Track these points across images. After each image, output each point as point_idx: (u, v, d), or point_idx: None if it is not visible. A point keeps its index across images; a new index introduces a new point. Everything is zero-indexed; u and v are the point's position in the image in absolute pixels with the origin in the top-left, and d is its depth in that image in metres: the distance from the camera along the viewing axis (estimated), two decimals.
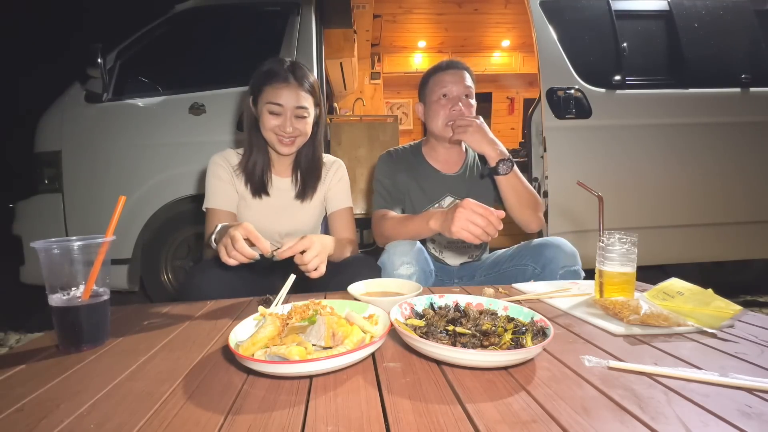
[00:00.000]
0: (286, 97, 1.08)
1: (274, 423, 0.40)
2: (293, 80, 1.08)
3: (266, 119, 1.09)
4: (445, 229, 0.94)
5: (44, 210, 2.07)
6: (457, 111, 1.22)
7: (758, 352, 0.56)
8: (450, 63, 1.27)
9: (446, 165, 1.34)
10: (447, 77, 1.24)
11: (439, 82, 1.25)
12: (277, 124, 1.09)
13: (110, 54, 2.09)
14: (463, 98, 1.24)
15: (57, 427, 0.41)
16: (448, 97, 1.24)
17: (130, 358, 0.58)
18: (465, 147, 1.38)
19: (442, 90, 1.24)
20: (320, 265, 0.88)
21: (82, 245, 0.60)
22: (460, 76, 1.24)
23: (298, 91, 1.09)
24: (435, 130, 1.28)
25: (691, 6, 2.25)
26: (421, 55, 5.05)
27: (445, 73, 1.25)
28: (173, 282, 2.23)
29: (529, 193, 1.18)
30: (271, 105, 1.08)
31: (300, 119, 1.11)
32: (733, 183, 2.17)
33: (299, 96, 1.09)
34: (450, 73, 1.24)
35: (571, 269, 1.03)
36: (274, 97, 1.07)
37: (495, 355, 0.49)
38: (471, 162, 1.36)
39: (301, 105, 1.09)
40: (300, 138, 1.13)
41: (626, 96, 2.12)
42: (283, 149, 1.12)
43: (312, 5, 2.15)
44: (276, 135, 1.10)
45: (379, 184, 1.31)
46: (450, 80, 1.24)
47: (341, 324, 0.56)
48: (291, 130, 1.09)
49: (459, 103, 1.23)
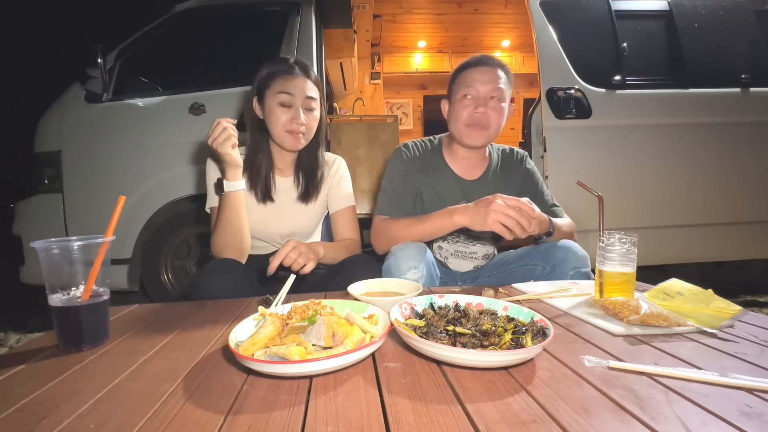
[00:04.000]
0: (297, 86, 1.09)
1: (274, 423, 0.40)
2: (300, 72, 1.11)
3: (277, 114, 1.09)
4: (475, 222, 0.94)
5: (44, 210, 2.07)
6: (479, 114, 1.13)
7: (758, 352, 0.56)
8: (480, 59, 1.16)
9: (466, 170, 1.25)
10: (474, 74, 1.14)
11: (465, 79, 1.15)
12: (289, 118, 1.09)
13: (110, 54, 2.09)
14: (490, 100, 1.13)
15: (57, 427, 0.41)
16: (473, 98, 1.14)
17: (130, 358, 0.58)
18: (489, 152, 1.29)
19: (467, 89, 1.14)
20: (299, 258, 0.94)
21: (82, 245, 0.60)
22: (490, 75, 1.12)
23: (306, 81, 1.11)
24: (454, 132, 1.20)
25: (691, 6, 2.25)
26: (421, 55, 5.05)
27: (473, 69, 1.15)
28: (173, 282, 2.23)
29: (568, 231, 1.14)
30: (282, 95, 1.08)
31: (309, 112, 1.12)
32: (733, 183, 2.17)
33: (308, 86, 1.11)
34: (478, 70, 1.13)
35: (581, 271, 1.02)
36: (285, 86, 1.09)
37: (495, 355, 0.49)
38: (494, 169, 1.27)
39: (310, 95, 1.11)
40: (309, 134, 1.14)
41: (626, 96, 2.12)
42: (295, 144, 1.12)
43: (312, 5, 2.15)
44: (288, 131, 1.10)
45: (388, 184, 1.22)
46: (477, 78, 1.13)
47: (341, 324, 0.56)
48: (304, 119, 1.10)
49: (484, 105, 1.13)
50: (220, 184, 1.05)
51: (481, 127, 1.15)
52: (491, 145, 1.31)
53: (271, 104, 1.10)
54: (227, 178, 1.04)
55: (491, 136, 1.18)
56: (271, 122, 1.11)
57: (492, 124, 1.15)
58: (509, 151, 1.32)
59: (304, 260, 0.95)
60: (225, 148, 0.99)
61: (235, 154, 1.02)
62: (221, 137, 0.98)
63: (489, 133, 1.16)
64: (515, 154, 1.31)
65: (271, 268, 0.91)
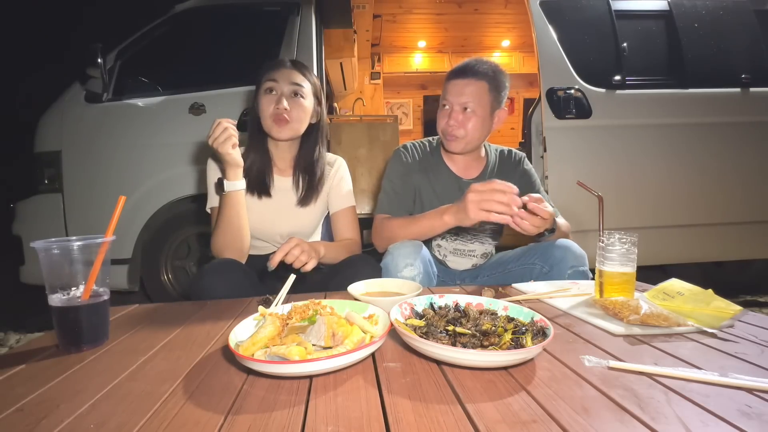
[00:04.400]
0: (283, 74, 1.12)
1: (274, 423, 0.40)
2: (290, 65, 1.15)
3: (263, 102, 1.12)
4: (461, 219, 0.95)
5: (44, 210, 2.07)
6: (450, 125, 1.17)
7: (758, 352, 0.56)
8: (458, 69, 1.19)
9: (464, 169, 1.28)
10: (448, 86, 1.19)
11: (444, 89, 1.21)
12: (272, 105, 1.11)
13: (110, 54, 2.09)
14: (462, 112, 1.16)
15: (57, 427, 0.40)
16: (449, 108, 1.18)
17: (130, 358, 0.58)
18: (485, 152, 1.31)
19: (443, 99, 1.20)
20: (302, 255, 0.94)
21: (82, 245, 0.60)
22: (460, 88, 1.16)
23: (293, 71, 1.14)
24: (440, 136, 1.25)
25: (691, 6, 2.25)
26: (421, 55, 5.05)
27: (450, 81, 1.19)
28: (173, 282, 2.23)
29: (565, 232, 1.15)
30: (268, 82, 1.12)
31: (294, 97, 1.13)
32: (733, 183, 2.17)
33: (294, 74, 1.13)
34: (452, 83, 1.18)
35: (579, 269, 1.03)
36: (270, 74, 1.12)
37: (495, 355, 0.49)
38: (491, 168, 1.30)
39: (296, 82, 1.13)
40: (295, 123, 1.13)
41: (626, 96, 2.12)
42: (279, 132, 1.12)
43: (312, 5, 2.15)
44: (272, 119, 1.11)
45: (388, 184, 1.25)
46: (449, 90, 1.18)
47: (341, 324, 0.56)
48: (286, 104, 1.10)
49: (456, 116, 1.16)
50: (220, 183, 1.06)
51: (453, 136, 1.19)
52: (488, 146, 1.34)
53: (259, 95, 1.13)
54: (228, 178, 1.04)
55: (470, 143, 1.19)
56: (259, 111, 1.13)
57: (465, 133, 1.17)
58: (507, 152, 1.35)
59: (306, 258, 0.95)
60: (226, 148, 1.00)
61: (236, 154, 1.03)
62: (222, 137, 0.99)
63: (464, 141, 1.18)
64: (513, 156, 1.34)
65: (273, 262, 0.90)
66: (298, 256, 0.94)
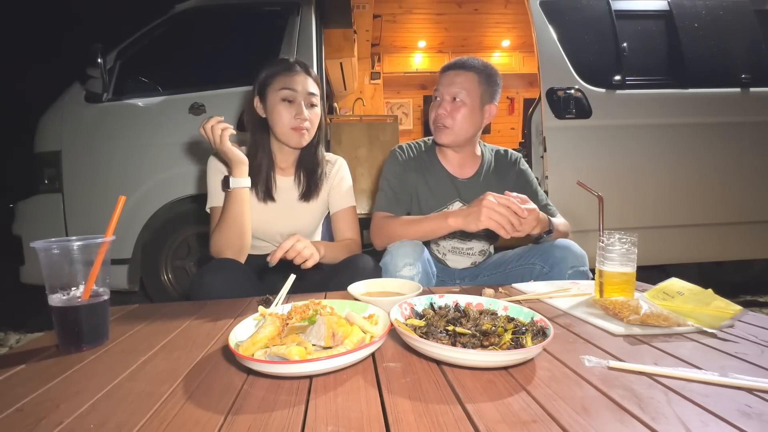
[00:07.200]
0: (299, 82, 1.11)
1: (274, 423, 0.40)
2: (301, 69, 1.14)
3: (280, 110, 1.10)
4: (470, 222, 0.96)
5: (44, 210, 2.07)
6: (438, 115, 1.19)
7: (758, 352, 0.56)
8: (451, 63, 1.23)
9: (459, 168, 1.29)
10: (441, 79, 1.22)
11: (437, 83, 1.23)
12: (292, 115, 1.10)
13: (110, 54, 2.09)
14: (452, 102, 1.18)
15: (57, 427, 0.41)
16: (439, 99, 1.21)
17: (130, 358, 0.58)
18: (480, 151, 1.32)
19: (435, 91, 1.23)
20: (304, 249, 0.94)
21: (82, 245, 0.60)
22: (451, 78, 1.19)
23: (307, 78, 1.13)
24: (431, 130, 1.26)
25: (691, 6, 2.25)
26: (421, 55, 5.05)
27: (442, 74, 1.22)
28: (173, 282, 2.23)
29: (564, 231, 1.17)
30: (285, 90, 1.10)
31: (312, 108, 1.14)
32: (733, 183, 2.17)
33: (309, 82, 1.13)
34: (444, 75, 1.21)
35: (579, 269, 1.03)
36: (287, 83, 1.10)
37: (495, 355, 0.49)
38: (487, 168, 1.30)
39: (312, 91, 1.13)
40: (312, 131, 1.15)
41: (626, 96, 2.12)
42: (299, 141, 1.13)
43: (312, 5, 2.15)
44: (292, 128, 1.11)
45: (386, 183, 1.26)
46: (441, 81, 1.21)
47: (341, 324, 0.56)
48: (307, 115, 1.11)
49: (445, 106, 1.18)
50: (226, 181, 1.06)
51: (442, 125, 1.20)
52: (484, 146, 1.35)
53: (273, 101, 1.11)
54: (233, 175, 1.05)
55: (459, 134, 1.20)
56: (275, 119, 1.11)
57: (453, 124, 1.18)
58: (503, 152, 1.35)
59: (308, 253, 0.95)
60: (225, 142, 1.01)
61: (238, 150, 1.04)
62: (216, 135, 1.00)
63: (453, 132, 1.19)
64: (509, 156, 1.34)
65: (274, 258, 0.89)
66: (300, 251, 0.93)
